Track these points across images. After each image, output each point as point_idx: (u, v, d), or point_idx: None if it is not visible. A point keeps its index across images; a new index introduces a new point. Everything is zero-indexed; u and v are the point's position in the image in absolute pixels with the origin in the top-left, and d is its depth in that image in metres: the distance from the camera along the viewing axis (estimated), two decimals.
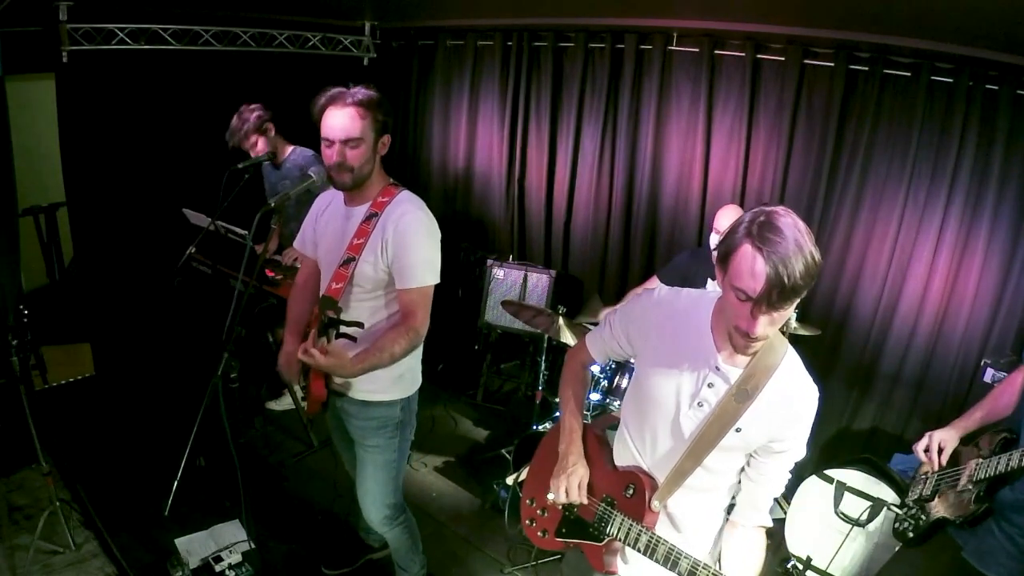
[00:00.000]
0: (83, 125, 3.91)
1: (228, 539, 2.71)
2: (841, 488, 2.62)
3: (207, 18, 4.13)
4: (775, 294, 1.18)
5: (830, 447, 3.43)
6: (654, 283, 3.24)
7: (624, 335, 1.59)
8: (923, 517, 2.10)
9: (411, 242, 1.89)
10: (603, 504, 1.58)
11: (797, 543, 2.72)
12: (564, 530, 1.66)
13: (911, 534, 2.14)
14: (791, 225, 1.21)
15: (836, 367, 3.41)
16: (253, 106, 3.22)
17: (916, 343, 3.15)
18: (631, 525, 1.51)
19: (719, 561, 1.54)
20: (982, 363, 2.90)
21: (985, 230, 2.92)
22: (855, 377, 3.36)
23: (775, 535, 2.92)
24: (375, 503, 2.21)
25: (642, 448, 1.54)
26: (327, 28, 4.64)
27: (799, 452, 1.43)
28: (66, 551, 2.58)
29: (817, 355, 3.45)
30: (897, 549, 2.43)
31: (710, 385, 1.40)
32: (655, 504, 1.49)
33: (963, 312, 3.02)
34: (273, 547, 2.75)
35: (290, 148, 3.34)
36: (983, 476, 1.89)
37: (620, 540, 1.53)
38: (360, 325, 1.74)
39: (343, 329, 1.70)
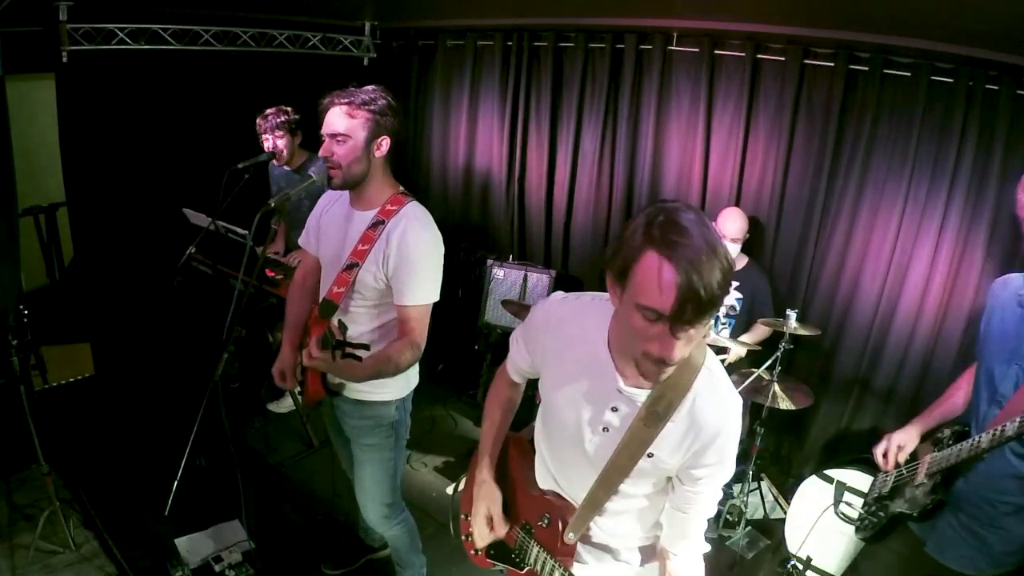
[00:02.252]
0: (83, 125, 3.91)
1: (228, 539, 2.71)
2: (841, 488, 2.62)
3: (207, 18, 4.13)
4: (690, 309, 0.99)
5: (830, 447, 3.43)
6: None
7: (527, 349, 1.45)
8: (881, 514, 2.14)
9: (412, 261, 1.88)
10: (522, 532, 1.48)
11: (797, 543, 2.72)
12: (492, 552, 1.60)
13: (871, 531, 2.18)
14: (697, 222, 1.01)
15: (836, 367, 3.41)
16: (290, 109, 3.28)
17: (916, 343, 3.15)
18: (546, 558, 1.40)
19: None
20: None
21: (985, 230, 2.93)
22: (855, 377, 3.36)
23: (775, 535, 2.92)
24: (373, 502, 2.22)
25: (554, 467, 1.43)
26: (327, 28, 4.64)
27: (725, 473, 1.26)
28: (66, 551, 2.58)
29: (817, 355, 3.46)
30: (862, 547, 2.45)
31: (614, 409, 1.25)
32: (569, 536, 1.37)
33: (963, 312, 3.02)
34: (273, 547, 2.75)
35: (305, 156, 3.35)
36: (936, 469, 1.91)
37: (537, 572, 1.43)
38: (367, 347, 1.70)
39: (349, 351, 1.67)
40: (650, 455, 1.23)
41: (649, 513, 1.39)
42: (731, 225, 3.22)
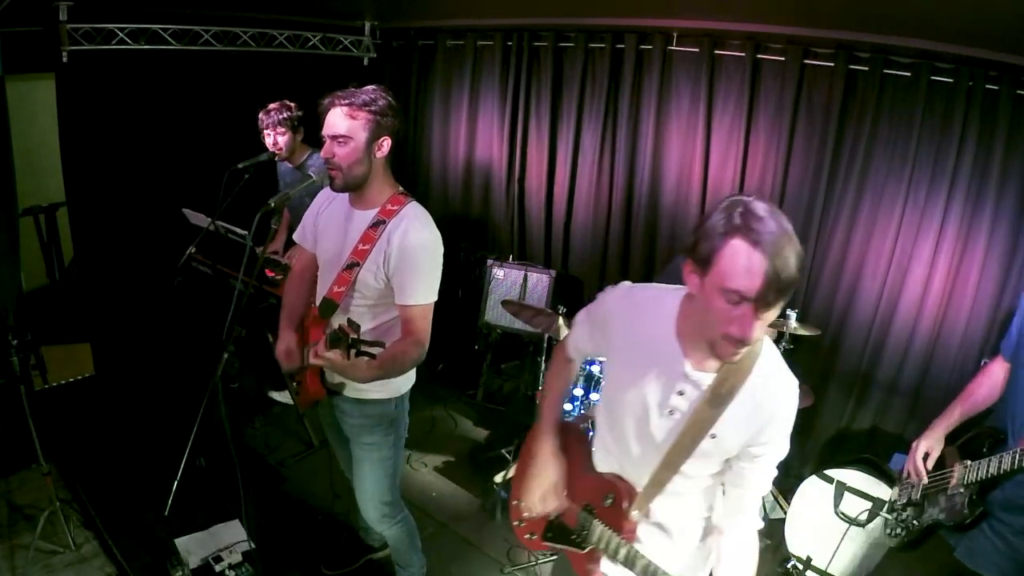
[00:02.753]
0: (83, 125, 3.91)
1: (228, 539, 2.71)
2: (841, 488, 2.62)
3: (207, 18, 4.13)
4: (773, 291, 1.08)
5: (830, 447, 3.43)
6: None
7: (591, 334, 1.52)
8: (915, 522, 2.10)
9: (413, 260, 1.88)
10: (583, 511, 1.52)
11: (797, 543, 2.72)
12: (550, 534, 1.63)
13: (905, 540, 2.14)
14: (772, 211, 1.11)
15: (836, 367, 3.41)
16: (293, 105, 3.22)
17: (916, 343, 3.15)
18: (610, 535, 1.44)
19: (714, 566, 1.47)
20: (982, 362, 2.89)
21: (985, 230, 2.93)
22: (855, 377, 3.36)
23: (775, 535, 2.92)
24: (372, 501, 2.22)
25: (618, 453, 1.47)
26: (327, 28, 4.64)
27: (781, 451, 1.35)
28: (66, 551, 2.58)
29: (817, 355, 3.46)
30: (887, 550, 2.43)
31: (680, 393, 1.31)
32: (634, 514, 1.43)
33: (963, 312, 3.02)
34: (273, 547, 2.75)
35: (308, 152, 3.34)
36: (974, 479, 1.88)
37: (600, 550, 1.47)
38: (382, 345, 1.68)
39: (364, 349, 1.64)
40: (713, 436, 1.30)
41: (708, 494, 1.46)
42: None
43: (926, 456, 2.05)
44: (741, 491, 1.39)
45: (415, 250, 1.88)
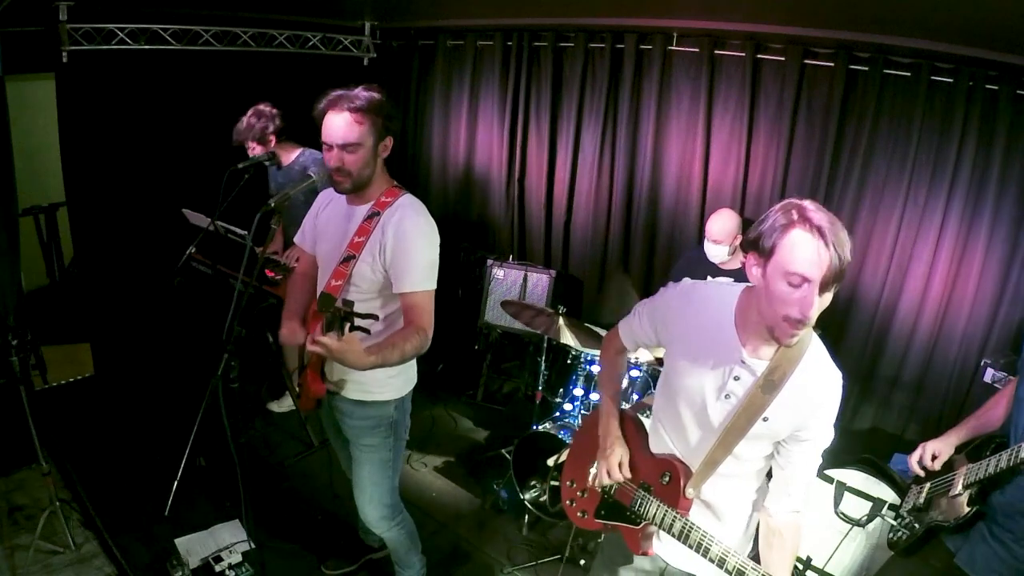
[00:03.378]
0: (83, 125, 3.91)
1: (228, 539, 2.71)
2: (841, 488, 2.62)
3: (207, 18, 4.13)
4: (831, 273, 1.24)
5: (830, 447, 3.43)
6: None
7: (651, 326, 1.63)
8: (916, 525, 2.10)
9: (409, 246, 1.88)
10: (640, 489, 1.63)
11: None
12: (603, 512, 1.72)
13: (905, 543, 2.14)
14: (821, 208, 1.28)
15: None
16: (268, 111, 3.18)
17: (916, 343, 3.15)
18: (666, 511, 1.55)
19: (755, 546, 1.59)
20: (982, 363, 2.90)
21: (985, 230, 2.93)
22: (855, 377, 3.36)
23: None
24: (372, 502, 2.22)
25: (674, 437, 1.58)
26: (327, 28, 4.64)
27: (826, 438, 1.47)
28: (66, 551, 2.58)
29: None
30: (893, 554, 2.43)
31: (736, 378, 1.42)
32: (689, 492, 1.53)
33: (963, 312, 3.03)
34: (273, 547, 2.75)
35: (297, 151, 3.33)
36: (974, 479, 1.89)
37: (655, 524, 1.58)
38: (376, 317, 1.69)
39: (358, 322, 1.64)
40: (765, 419, 1.41)
41: (757, 479, 1.58)
42: (714, 226, 3.14)
43: (934, 458, 2.05)
44: (787, 474, 1.50)
45: (411, 237, 1.88)
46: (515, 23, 4.19)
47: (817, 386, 1.41)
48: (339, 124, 1.83)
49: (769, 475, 1.57)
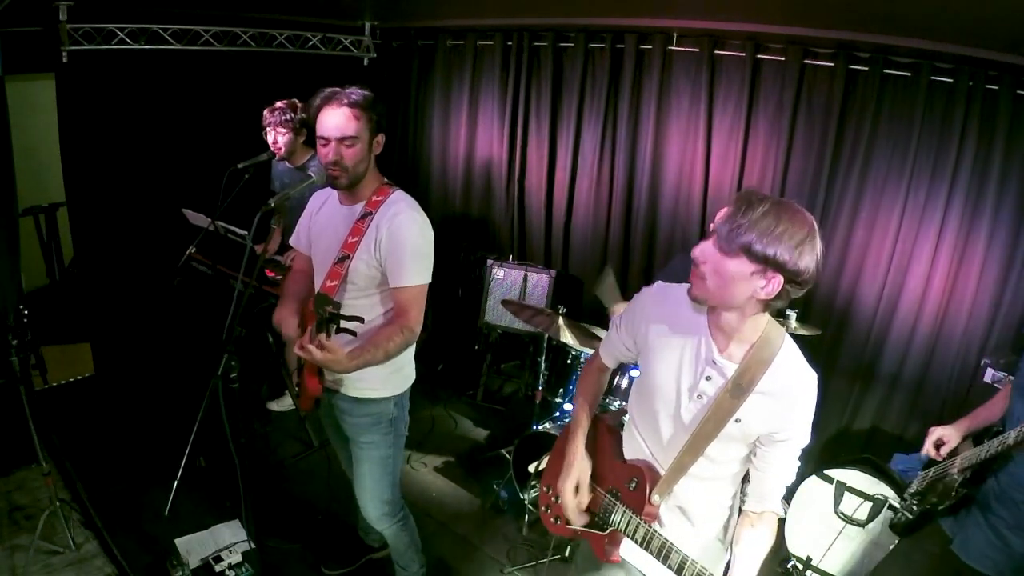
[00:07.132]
0: (83, 125, 3.91)
1: (228, 539, 2.71)
2: (841, 488, 2.62)
3: (207, 18, 4.13)
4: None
5: (830, 447, 3.43)
6: None
7: (629, 334, 1.62)
8: (915, 507, 2.15)
9: (403, 241, 1.90)
10: (609, 496, 1.64)
11: (797, 543, 2.72)
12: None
13: (902, 524, 2.19)
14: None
15: (836, 367, 3.41)
16: (300, 105, 3.19)
17: (916, 343, 3.15)
18: (631, 517, 1.55)
19: (731, 548, 1.56)
20: (982, 363, 2.91)
21: (985, 230, 2.93)
22: (855, 377, 3.36)
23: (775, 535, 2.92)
24: (372, 499, 2.22)
25: (648, 437, 1.58)
26: (327, 28, 4.64)
27: (802, 439, 1.46)
28: (66, 551, 2.57)
29: (817, 355, 3.45)
30: (892, 547, 2.45)
31: (708, 378, 1.43)
32: (655, 498, 1.53)
33: (963, 312, 3.03)
34: (273, 547, 2.75)
35: (310, 154, 3.33)
36: (968, 465, 1.93)
37: (621, 531, 1.58)
38: (360, 320, 1.75)
39: (343, 324, 1.71)
40: (737, 420, 1.41)
41: (732, 483, 1.58)
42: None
43: (943, 443, 2.07)
44: (763, 475, 1.50)
45: (404, 233, 1.90)
46: (515, 23, 4.19)
47: (791, 387, 1.40)
48: (337, 118, 1.86)
49: (746, 479, 1.56)
